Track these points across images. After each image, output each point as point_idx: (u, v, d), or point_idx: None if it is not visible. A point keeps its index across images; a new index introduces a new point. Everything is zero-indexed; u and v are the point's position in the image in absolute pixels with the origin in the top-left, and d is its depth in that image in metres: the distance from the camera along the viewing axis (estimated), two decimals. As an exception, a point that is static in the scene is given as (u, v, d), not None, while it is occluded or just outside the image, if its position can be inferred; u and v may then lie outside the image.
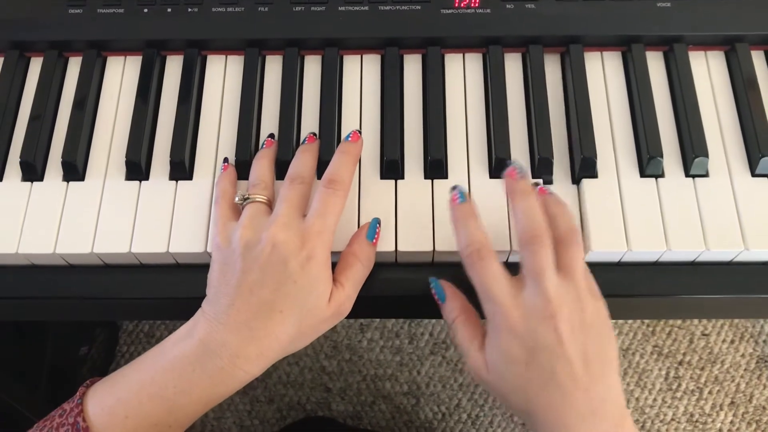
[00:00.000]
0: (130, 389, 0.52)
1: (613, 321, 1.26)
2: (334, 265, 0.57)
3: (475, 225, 0.55)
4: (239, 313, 0.52)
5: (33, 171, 0.62)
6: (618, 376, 0.52)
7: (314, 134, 0.62)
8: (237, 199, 0.58)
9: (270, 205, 0.58)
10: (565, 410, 0.50)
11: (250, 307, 0.52)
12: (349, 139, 0.60)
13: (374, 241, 0.58)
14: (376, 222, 0.59)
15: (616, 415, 0.51)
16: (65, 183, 0.62)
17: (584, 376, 0.50)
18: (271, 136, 0.62)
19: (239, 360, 0.52)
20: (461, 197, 0.56)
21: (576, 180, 0.61)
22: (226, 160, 0.62)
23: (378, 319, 1.31)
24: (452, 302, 0.57)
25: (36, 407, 0.99)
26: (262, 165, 0.60)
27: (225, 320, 0.52)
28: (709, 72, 0.65)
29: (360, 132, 0.61)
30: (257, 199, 0.57)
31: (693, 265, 0.60)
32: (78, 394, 0.53)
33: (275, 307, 0.52)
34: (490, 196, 0.60)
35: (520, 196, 0.55)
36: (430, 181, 0.61)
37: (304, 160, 0.59)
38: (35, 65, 0.67)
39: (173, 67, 0.67)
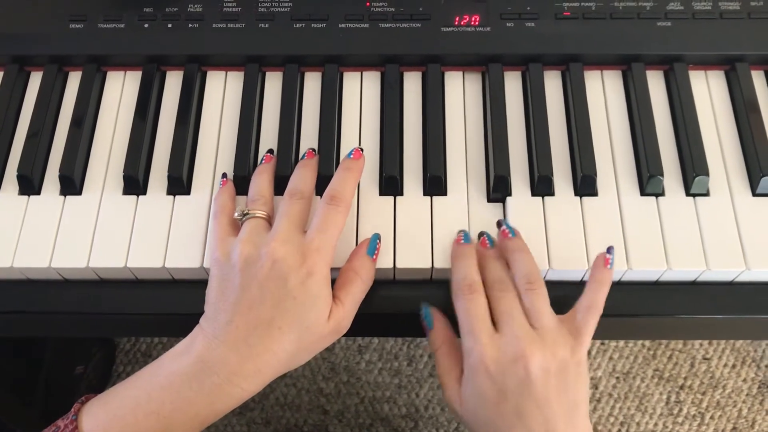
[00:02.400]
0: (125, 406, 0.51)
1: (613, 343, 1.26)
2: (333, 281, 0.56)
3: (473, 264, 0.57)
4: (238, 329, 0.52)
5: (30, 185, 0.62)
6: (587, 418, 0.54)
7: (313, 150, 0.62)
8: (236, 214, 0.57)
9: (269, 220, 0.57)
10: None
11: (248, 323, 0.52)
12: (352, 156, 0.60)
13: (374, 256, 0.57)
14: (377, 237, 0.58)
15: None
16: (62, 197, 0.62)
17: (552, 420, 0.51)
18: (270, 151, 0.62)
19: (237, 377, 0.51)
20: (466, 239, 0.58)
21: (578, 194, 0.61)
22: (224, 175, 0.61)
23: (377, 341, 1.30)
24: (438, 332, 0.58)
25: (30, 425, 0.98)
26: (261, 180, 0.60)
27: (224, 337, 0.52)
28: (709, 91, 0.65)
29: (362, 149, 0.61)
30: (257, 215, 0.56)
31: (694, 284, 0.60)
32: (73, 410, 0.53)
33: (274, 324, 0.52)
34: (487, 220, 0.60)
35: (488, 258, 0.58)
36: (429, 198, 0.61)
37: (303, 176, 0.59)
38: (35, 79, 0.67)
39: (173, 82, 0.67)
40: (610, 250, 0.56)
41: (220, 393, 0.51)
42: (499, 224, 0.59)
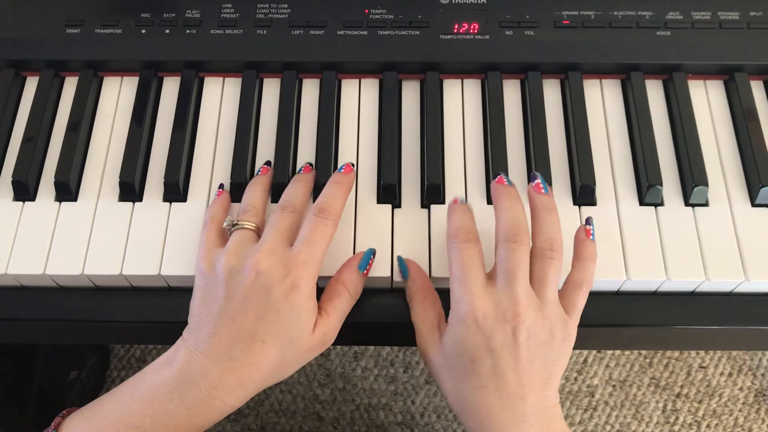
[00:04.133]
0: (106, 419, 0.51)
1: (610, 351, 1.26)
2: (320, 290, 0.55)
3: (470, 217, 0.55)
4: (220, 342, 0.51)
5: (25, 191, 0.61)
6: (557, 390, 0.54)
7: (310, 164, 0.61)
8: (225, 224, 0.56)
9: (259, 232, 0.56)
10: (498, 412, 0.51)
11: (231, 335, 0.51)
12: (342, 170, 0.59)
13: (365, 272, 0.57)
14: (371, 253, 0.58)
15: (544, 422, 0.52)
16: (57, 203, 0.61)
17: (526, 385, 0.51)
18: (268, 163, 0.62)
19: (218, 391, 0.50)
20: (462, 201, 0.57)
21: (577, 203, 0.61)
22: (221, 186, 0.61)
23: (372, 348, 1.29)
24: (413, 279, 0.57)
25: (23, 431, 0.97)
26: (254, 192, 0.59)
27: (205, 350, 0.51)
28: (708, 101, 0.65)
29: (354, 165, 0.60)
30: (245, 226, 0.56)
31: (692, 295, 0.60)
32: (53, 424, 0.52)
33: (257, 337, 0.51)
34: (486, 222, 0.59)
35: (507, 196, 0.55)
36: (427, 205, 0.60)
37: (296, 189, 0.58)
38: (31, 84, 0.67)
39: (170, 88, 0.66)
40: (588, 220, 0.56)
41: (201, 406, 0.50)
42: (533, 177, 0.56)
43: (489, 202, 0.61)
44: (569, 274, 0.55)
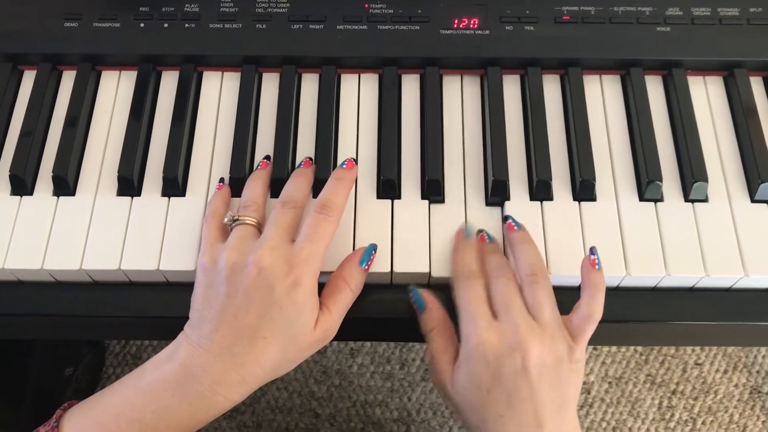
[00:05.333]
0: (108, 413, 0.50)
1: (606, 347, 1.26)
2: (321, 285, 0.55)
3: (472, 254, 0.57)
4: (223, 338, 0.51)
5: (22, 185, 0.61)
6: (575, 414, 0.54)
7: (310, 159, 0.61)
8: (226, 219, 0.56)
9: (259, 227, 0.56)
10: None
11: (233, 332, 0.51)
12: (345, 166, 0.59)
13: (366, 267, 0.57)
14: (372, 248, 0.58)
15: None
16: (55, 198, 0.61)
17: (542, 412, 0.51)
18: (267, 157, 0.61)
19: (220, 386, 0.50)
20: (467, 233, 0.58)
21: (576, 199, 0.61)
22: (222, 180, 0.61)
23: (369, 344, 1.29)
24: (431, 312, 0.57)
25: (18, 428, 0.97)
26: (255, 186, 0.59)
27: (207, 345, 0.51)
28: (708, 97, 0.65)
29: (356, 160, 0.60)
30: (246, 221, 0.56)
31: (692, 290, 0.60)
32: (54, 417, 0.52)
33: (259, 334, 0.51)
34: (485, 223, 0.60)
35: (488, 250, 0.58)
36: (427, 201, 0.60)
37: (297, 184, 0.58)
38: (28, 78, 0.66)
39: (168, 82, 0.66)
40: (593, 250, 0.56)
41: (202, 402, 0.50)
42: (505, 218, 0.59)
43: (488, 202, 0.61)
44: (578, 304, 0.55)
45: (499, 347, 0.52)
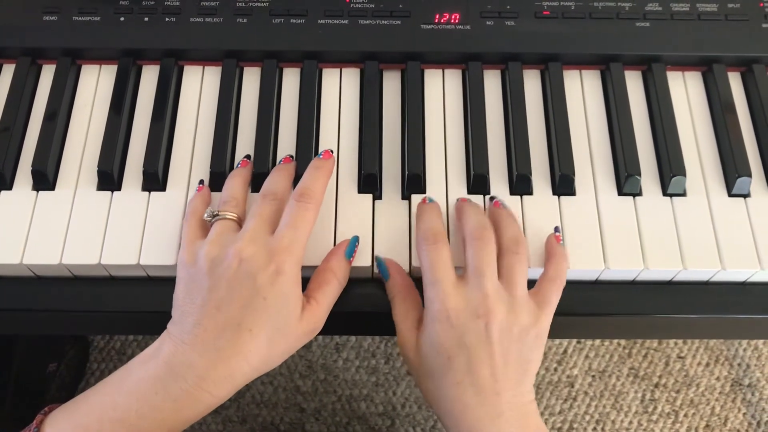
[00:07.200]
0: (90, 414, 0.50)
1: (589, 341, 1.26)
2: (305, 280, 0.55)
3: (437, 218, 0.57)
4: (206, 332, 0.50)
5: (1, 179, 0.60)
6: (531, 384, 0.54)
7: (291, 156, 0.61)
8: (206, 215, 0.56)
9: (240, 223, 0.56)
10: (474, 409, 0.51)
11: (216, 325, 0.50)
12: (322, 156, 0.59)
13: (351, 258, 0.57)
14: (356, 240, 0.58)
15: (520, 418, 0.52)
16: (35, 192, 0.60)
17: (501, 380, 0.51)
18: (248, 157, 0.61)
19: (205, 383, 0.50)
20: (431, 201, 0.59)
21: (556, 193, 0.61)
22: (201, 182, 0.60)
23: (354, 339, 1.29)
24: (394, 279, 0.57)
25: (0, 425, 0.96)
26: (235, 183, 0.59)
27: (190, 340, 0.50)
28: (686, 92, 0.66)
29: (332, 151, 0.60)
30: (227, 216, 0.55)
31: (670, 284, 0.60)
32: (35, 422, 0.50)
33: (244, 326, 0.50)
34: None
35: (470, 206, 0.58)
36: (408, 195, 0.60)
37: (278, 178, 0.58)
38: (7, 72, 0.66)
39: (149, 76, 0.66)
40: (557, 229, 0.58)
41: (188, 399, 0.49)
42: (492, 198, 0.59)
43: (470, 192, 0.61)
44: (543, 272, 0.56)
45: (465, 312, 0.52)
